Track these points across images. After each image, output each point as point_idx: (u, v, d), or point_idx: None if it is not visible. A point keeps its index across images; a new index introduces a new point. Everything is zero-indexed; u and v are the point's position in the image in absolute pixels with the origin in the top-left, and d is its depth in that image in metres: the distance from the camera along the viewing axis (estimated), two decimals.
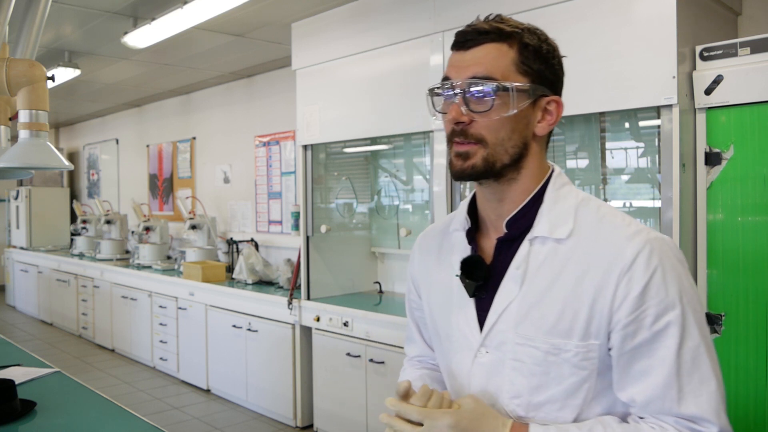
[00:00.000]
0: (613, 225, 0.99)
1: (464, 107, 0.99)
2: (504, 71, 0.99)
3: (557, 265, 0.99)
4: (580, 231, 1.00)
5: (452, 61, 1.03)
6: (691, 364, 0.92)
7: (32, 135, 1.56)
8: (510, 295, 1.01)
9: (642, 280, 0.93)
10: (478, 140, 0.99)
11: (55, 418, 1.75)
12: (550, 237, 1.00)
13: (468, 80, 0.98)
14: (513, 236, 1.04)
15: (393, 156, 4.00)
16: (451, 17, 2.87)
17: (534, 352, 0.98)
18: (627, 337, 0.94)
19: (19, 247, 8.21)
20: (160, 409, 4.37)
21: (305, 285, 3.77)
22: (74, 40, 4.40)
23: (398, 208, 3.97)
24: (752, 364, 2.14)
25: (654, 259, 0.94)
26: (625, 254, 0.94)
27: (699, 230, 2.26)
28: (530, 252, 1.01)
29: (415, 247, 1.26)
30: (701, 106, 2.23)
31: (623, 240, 0.96)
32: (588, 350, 0.96)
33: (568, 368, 0.97)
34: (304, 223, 3.79)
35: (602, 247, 0.97)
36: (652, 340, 0.93)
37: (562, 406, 0.98)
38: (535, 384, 0.99)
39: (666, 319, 0.92)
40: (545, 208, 1.03)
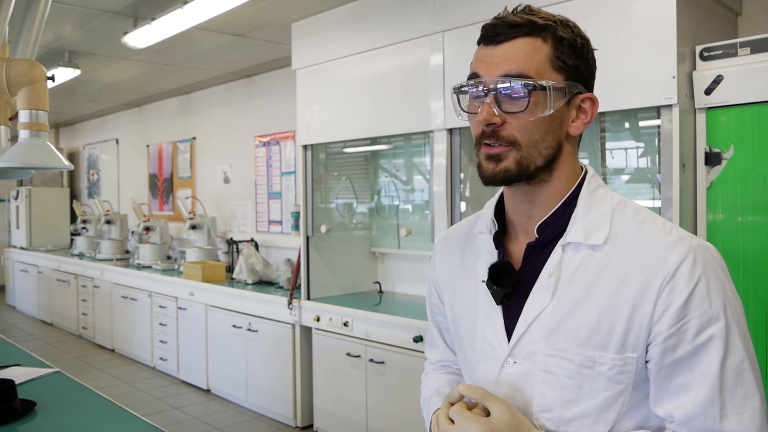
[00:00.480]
0: (653, 231, 0.93)
1: (496, 108, 0.92)
2: (538, 68, 0.92)
3: (592, 273, 0.93)
4: (616, 237, 0.94)
5: (481, 56, 0.95)
6: (735, 379, 0.88)
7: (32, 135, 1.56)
8: (541, 304, 0.95)
9: (685, 290, 0.87)
10: (511, 143, 0.93)
11: (55, 418, 1.75)
12: (585, 243, 0.95)
13: (501, 78, 0.92)
14: (544, 242, 0.98)
15: (393, 156, 4.00)
16: (451, 17, 2.87)
17: (566, 365, 0.93)
18: (667, 351, 0.89)
19: (19, 247, 8.22)
20: (160, 409, 4.38)
21: (305, 285, 3.77)
22: (74, 40, 4.40)
23: (398, 208, 3.97)
24: None
25: (698, 268, 0.88)
26: (668, 263, 0.89)
27: (699, 230, 2.26)
28: (563, 259, 0.95)
29: (436, 249, 1.20)
30: (701, 106, 2.23)
31: (665, 247, 0.90)
32: (625, 363, 0.91)
33: (603, 382, 0.91)
34: (304, 223, 3.79)
35: (642, 254, 0.91)
36: (694, 353, 0.88)
37: (595, 421, 0.93)
38: (566, 398, 0.93)
39: (709, 332, 0.87)
40: (579, 212, 0.97)
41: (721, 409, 0.87)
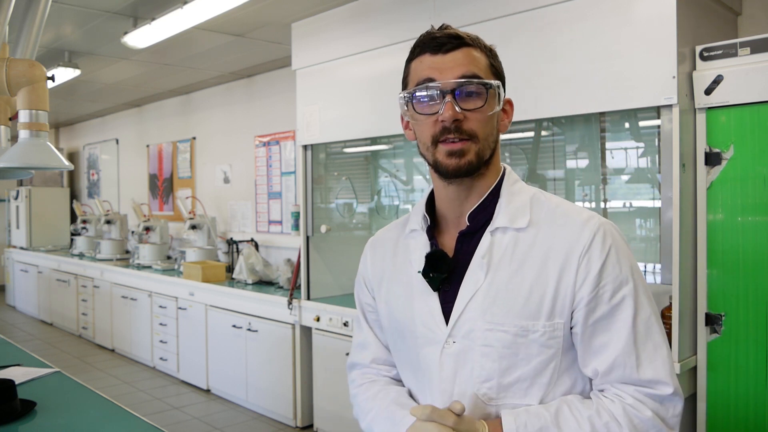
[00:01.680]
0: (567, 213, 1.08)
1: (457, 106, 1.03)
2: (485, 72, 1.07)
3: (520, 252, 1.06)
4: (537, 221, 1.07)
5: (430, 64, 1.07)
6: (645, 333, 1.02)
7: (32, 135, 1.56)
8: (476, 284, 1.06)
9: (600, 259, 1.02)
10: (471, 136, 1.04)
11: (55, 418, 1.75)
12: (511, 227, 1.07)
13: (460, 79, 1.04)
14: (474, 229, 1.10)
15: (393, 156, 4.00)
16: (451, 17, 2.87)
17: (503, 336, 1.03)
18: (589, 313, 1.02)
19: (19, 247, 8.22)
20: (160, 409, 4.37)
21: (305, 285, 3.77)
22: (74, 40, 4.40)
23: (398, 208, 3.97)
24: (752, 364, 2.14)
25: (608, 239, 1.04)
26: (583, 237, 1.04)
27: (699, 230, 2.26)
28: (492, 242, 1.07)
29: (367, 253, 1.29)
30: (701, 106, 2.23)
31: (579, 225, 1.05)
32: (554, 329, 1.03)
33: (536, 348, 1.03)
34: (304, 223, 3.79)
35: (561, 232, 1.05)
36: (611, 313, 1.02)
37: (530, 384, 1.04)
38: (504, 366, 1.04)
39: (621, 293, 1.02)
40: (503, 201, 1.10)
41: (637, 359, 1.01)
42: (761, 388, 2.13)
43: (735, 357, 2.19)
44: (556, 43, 2.49)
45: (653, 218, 2.75)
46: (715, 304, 2.24)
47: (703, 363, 2.25)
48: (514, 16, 2.61)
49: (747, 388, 2.16)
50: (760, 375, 2.13)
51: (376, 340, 1.27)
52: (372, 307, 1.26)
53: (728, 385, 2.21)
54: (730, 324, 2.20)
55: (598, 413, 1.00)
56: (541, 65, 2.52)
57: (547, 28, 2.52)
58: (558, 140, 3.03)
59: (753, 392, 2.15)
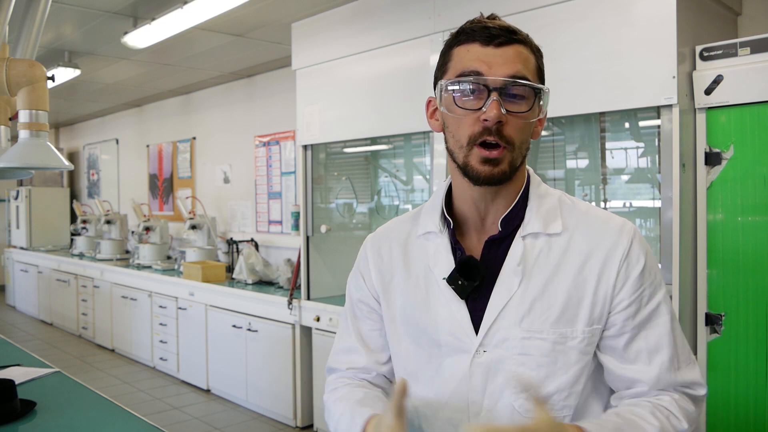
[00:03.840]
0: (601, 218, 1.06)
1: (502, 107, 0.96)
2: (533, 74, 1.00)
3: (554, 258, 1.02)
4: (568, 225, 1.05)
5: (479, 55, 0.98)
6: (680, 337, 1.04)
7: (32, 135, 1.56)
8: (509, 292, 1.01)
9: (639, 264, 1.01)
10: (508, 143, 0.98)
11: (55, 418, 1.75)
12: (543, 233, 1.04)
13: (510, 78, 0.96)
14: (504, 234, 1.05)
15: (393, 156, 4.00)
16: (451, 17, 2.87)
17: (542, 344, 1.00)
18: (629, 317, 1.01)
19: (19, 247, 8.21)
20: (160, 409, 4.37)
21: (305, 285, 3.77)
22: (74, 40, 4.40)
23: (398, 208, 3.97)
24: (752, 364, 2.14)
25: (643, 246, 1.04)
26: (622, 242, 1.02)
27: (699, 230, 2.26)
28: (525, 248, 1.03)
29: (367, 249, 1.20)
30: (701, 106, 2.23)
31: (616, 230, 1.03)
32: (593, 334, 1.01)
33: (575, 355, 1.01)
34: (304, 223, 3.79)
35: (598, 238, 1.03)
36: (650, 317, 1.01)
37: (569, 394, 1.01)
38: (543, 375, 1.00)
39: (657, 298, 1.02)
40: (533, 206, 1.06)
41: (679, 362, 1.02)
42: (761, 388, 2.13)
43: (735, 357, 2.18)
44: (556, 43, 2.49)
45: (653, 218, 2.75)
46: (715, 304, 2.24)
47: (703, 363, 2.25)
48: (514, 16, 2.60)
49: (747, 388, 2.16)
50: (760, 375, 2.13)
51: (364, 346, 1.18)
52: (369, 306, 1.17)
53: (728, 385, 2.21)
54: (730, 324, 2.20)
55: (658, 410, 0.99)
56: None
57: (547, 28, 2.52)
58: (558, 140, 3.03)
59: (753, 392, 2.15)
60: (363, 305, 1.19)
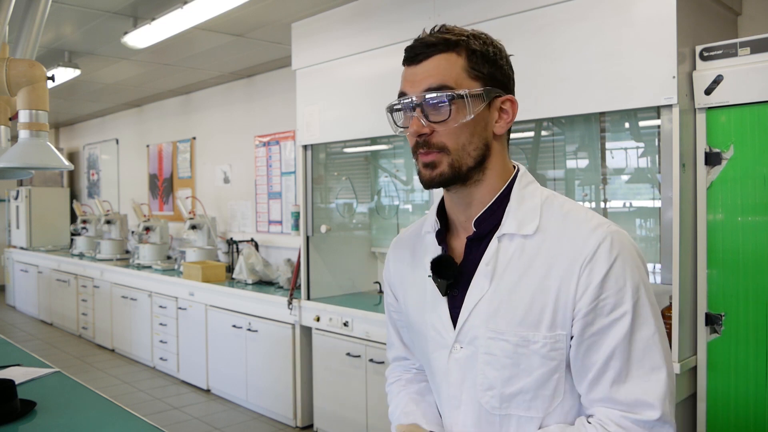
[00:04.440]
0: (577, 220, 1.03)
1: (423, 119, 1.02)
2: (456, 79, 1.02)
3: (525, 260, 1.03)
4: (546, 227, 1.03)
5: (406, 76, 1.06)
6: (643, 352, 0.96)
7: (32, 135, 1.56)
8: (480, 291, 1.04)
9: (603, 269, 0.97)
10: (441, 149, 1.03)
11: (55, 418, 1.75)
12: (518, 233, 1.04)
13: (423, 92, 1.01)
14: (482, 234, 1.07)
15: (393, 156, 4.00)
16: (451, 17, 2.87)
17: (504, 345, 1.01)
18: (586, 326, 0.98)
19: (19, 247, 8.21)
20: (160, 409, 4.37)
21: (305, 285, 3.77)
22: (74, 40, 4.40)
23: (398, 208, 3.97)
24: (752, 364, 2.14)
25: (614, 249, 0.98)
26: (588, 245, 0.98)
27: (699, 230, 2.26)
28: (499, 249, 1.05)
29: (389, 253, 1.29)
30: (701, 106, 2.23)
31: (586, 232, 1.00)
32: (555, 340, 0.99)
33: (537, 359, 1.00)
34: (304, 223, 3.79)
35: (567, 240, 1.01)
36: (608, 327, 0.97)
37: (534, 397, 1.01)
38: (506, 376, 1.02)
39: (623, 308, 0.97)
40: (512, 206, 1.06)
41: (627, 377, 0.96)
42: (761, 388, 2.13)
43: (735, 357, 2.18)
44: (556, 43, 2.49)
45: (653, 218, 2.75)
46: (715, 304, 2.24)
47: (703, 363, 2.25)
48: (514, 16, 2.60)
49: (747, 388, 2.16)
50: (760, 375, 2.13)
51: (400, 341, 1.31)
52: (395, 307, 1.27)
53: (728, 385, 2.21)
54: (730, 324, 2.20)
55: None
56: (541, 65, 2.52)
57: (547, 28, 2.52)
58: (558, 140, 3.03)
59: (753, 392, 2.15)
60: (390, 305, 1.30)
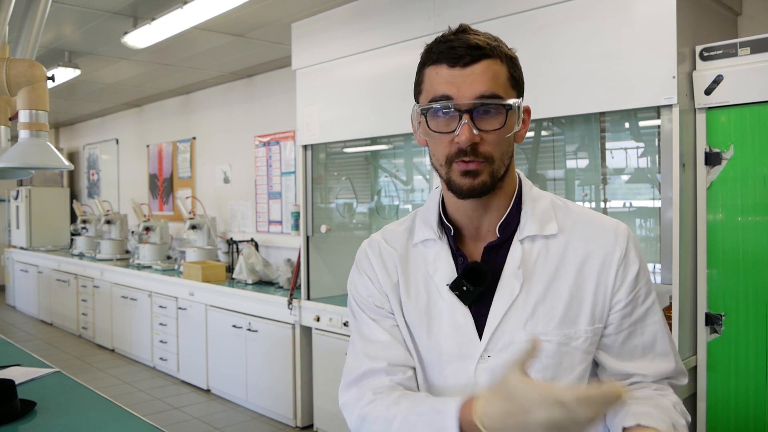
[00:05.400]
0: (594, 219, 1.09)
1: (474, 128, 0.97)
2: (504, 88, 0.99)
3: (553, 259, 1.04)
4: (564, 227, 1.07)
5: (447, 78, 0.99)
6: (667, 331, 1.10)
7: (32, 135, 1.56)
8: (511, 296, 1.02)
9: (635, 265, 1.05)
10: (486, 158, 0.99)
11: (55, 418, 1.75)
12: (540, 235, 1.05)
13: (478, 100, 0.97)
14: (503, 240, 1.06)
15: (393, 156, 4.00)
16: (451, 17, 2.87)
17: (547, 346, 1.01)
18: (626, 316, 1.05)
19: (19, 247, 8.21)
20: (160, 409, 4.37)
21: (305, 285, 3.77)
22: (74, 40, 4.40)
23: (398, 208, 3.97)
24: (752, 364, 2.14)
25: (638, 247, 1.08)
26: (619, 244, 1.05)
27: (699, 230, 2.26)
28: (524, 251, 1.05)
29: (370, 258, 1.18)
30: (701, 106, 2.23)
31: (612, 232, 1.06)
32: (594, 334, 1.04)
33: (579, 355, 1.04)
34: (304, 223, 3.79)
35: (596, 239, 1.06)
36: (645, 315, 1.06)
37: None
38: (549, 377, 1.02)
39: (651, 297, 1.08)
40: (528, 209, 1.07)
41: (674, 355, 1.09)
42: (761, 388, 2.13)
43: (735, 357, 2.19)
44: (556, 43, 2.49)
45: (653, 218, 2.75)
46: (715, 304, 2.24)
47: (703, 363, 2.25)
48: (514, 16, 2.60)
49: (747, 388, 2.16)
50: (760, 375, 2.13)
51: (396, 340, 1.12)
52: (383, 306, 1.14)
53: (728, 385, 2.21)
54: (730, 324, 2.20)
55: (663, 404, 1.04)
56: (541, 65, 2.52)
57: (547, 28, 2.52)
58: (558, 140, 3.03)
59: (753, 392, 2.15)
60: (377, 306, 1.15)
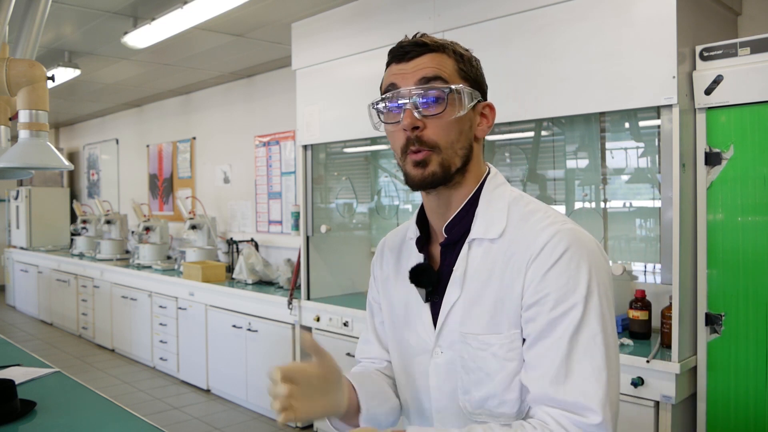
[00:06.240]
0: (534, 219, 1.01)
1: (417, 112, 1.00)
2: (450, 74, 1.02)
3: (490, 263, 1.02)
4: (509, 229, 1.03)
5: (394, 71, 1.04)
6: (584, 352, 0.92)
7: (32, 135, 1.55)
8: (453, 297, 1.04)
9: (546, 265, 0.95)
10: (432, 146, 1.01)
11: (55, 418, 1.75)
12: (485, 238, 1.03)
13: (419, 82, 1.00)
14: (453, 240, 1.07)
15: (393, 156, 3.99)
16: (451, 17, 2.87)
17: (470, 349, 1.01)
18: (529, 321, 0.96)
19: (19, 247, 8.21)
20: (160, 409, 4.38)
21: (305, 285, 3.77)
22: (74, 40, 4.40)
23: (398, 208, 3.97)
24: (752, 364, 2.14)
25: (561, 246, 0.95)
26: (536, 243, 0.97)
27: (699, 230, 2.26)
28: (469, 254, 1.05)
29: (378, 254, 1.27)
30: (701, 106, 2.23)
31: (537, 231, 0.99)
32: (511, 341, 0.98)
33: (496, 362, 0.98)
34: (304, 223, 3.79)
35: (522, 240, 1.00)
36: (550, 326, 0.93)
37: (501, 402, 0.99)
38: (474, 380, 1.02)
39: (565, 305, 0.93)
40: (480, 210, 1.06)
41: (566, 378, 0.91)
42: (761, 388, 2.13)
43: (735, 357, 2.19)
44: (556, 43, 2.49)
45: (653, 218, 2.75)
46: (715, 304, 2.24)
47: (703, 363, 2.25)
48: (514, 16, 2.61)
49: (747, 388, 2.16)
50: (760, 375, 2.13)
51: (377, 340, 1.27)
52: (377, 303, 1.26)
53: (728, 385, 2.21)
54: (730, 324, 2.20)
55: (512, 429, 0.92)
56: (541, 65, 2.52)
57: (547, 28, 2.52)
58: (558, 140, 3.03)
59: (753, 392, 2.15)
60: (374, 302, 1.28)
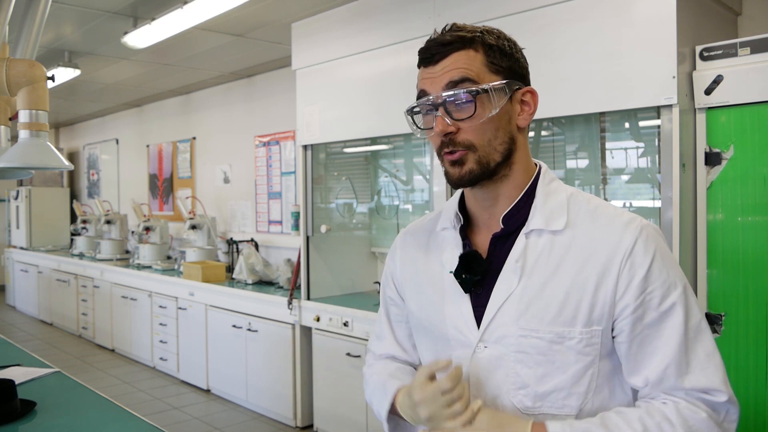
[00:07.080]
0: (607, 215, 1.03)
1: (448, 118, 1.01)
2: (478, 73, 1.01)
3: (556, 256, 1.02)
4: (574, 222, 1.03)
5: (423, 76, 1.05)
6: (696, 339, 0.98)
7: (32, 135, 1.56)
8: (508, 289, 1.02)
9: (644, 264, 0.98)
10: (467, 146, 1.01)
11: (55, 418, 1.75)
12: (546, 229, 1.03)
13: (447, 89, 1.00)
14: (509, 231, 1.06)
15: (393, 156, 4.00)
16: (451, 17, 2.87)
17: (538, 343, 1.00)
18: (636, 321, 0.98)
19: (19, 247, 8.21)
20: (160, 409, 4.38)
21: (305, 285, 3.77)
22: (74, 40, 4.40)
23: (398, 208, 3.97)
24: (752, 364, 2.14)
25: (651, 243, 0.99)
26: (624, 241, 0.99)
27: (699, 230, 2.26)
28: (527, 245, 1.04)
29: (397, 245, 1.26)
30: (701, 106, 2.23)
31: (620, 228, 1.00)
32: (591, 336, 0.99)
33: (573, 355, 0.99)
34: (304, 223, 3.79)
35: (601, 236, 1.01)
36: (660, 320, 0.98)
37: (568, 394, 1.00)
38: (540, 374, 1.00)
39: (671, 299, 0.98)
40: (539, 202, 1.06)
41: (688, 366, 0.97)
42: (761, 388, 2.13)
43: (735, 357, 2.19)
44: (556, 43, 2.49)
45: (653, 218, 2.74)
46: (716, 304, 2.24)
47: None
48: (514, 16, 2.61)
49: (747, 388, 2.16)
50: (760, 375, 2.13)
51: (392, 336, 1.26)
52: (395, 302, 1.24)
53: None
54: (730, 324, 2.20)
55: (649, 414, 0.95)
56: (541, 65, 2.52)
57: (547, 28, 2.52)
58: (558, 140, 3.03)
59: (753, 392, 2.15)
60: (390, 300, 1.26)
